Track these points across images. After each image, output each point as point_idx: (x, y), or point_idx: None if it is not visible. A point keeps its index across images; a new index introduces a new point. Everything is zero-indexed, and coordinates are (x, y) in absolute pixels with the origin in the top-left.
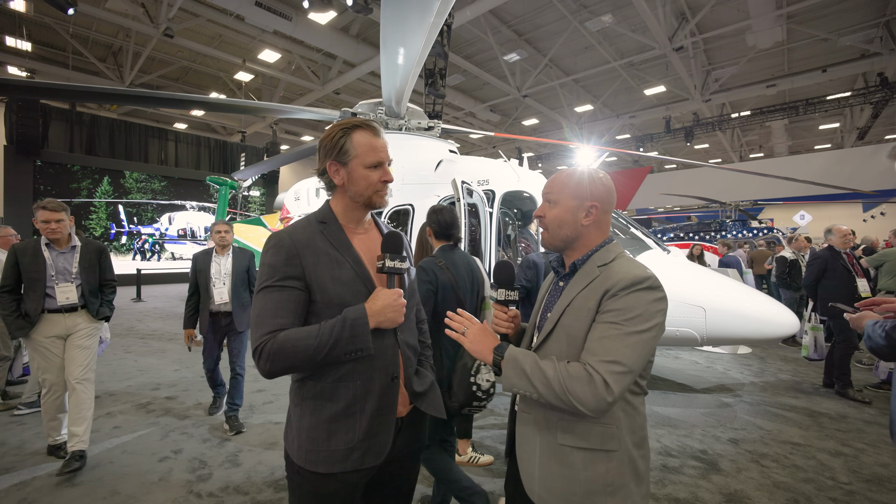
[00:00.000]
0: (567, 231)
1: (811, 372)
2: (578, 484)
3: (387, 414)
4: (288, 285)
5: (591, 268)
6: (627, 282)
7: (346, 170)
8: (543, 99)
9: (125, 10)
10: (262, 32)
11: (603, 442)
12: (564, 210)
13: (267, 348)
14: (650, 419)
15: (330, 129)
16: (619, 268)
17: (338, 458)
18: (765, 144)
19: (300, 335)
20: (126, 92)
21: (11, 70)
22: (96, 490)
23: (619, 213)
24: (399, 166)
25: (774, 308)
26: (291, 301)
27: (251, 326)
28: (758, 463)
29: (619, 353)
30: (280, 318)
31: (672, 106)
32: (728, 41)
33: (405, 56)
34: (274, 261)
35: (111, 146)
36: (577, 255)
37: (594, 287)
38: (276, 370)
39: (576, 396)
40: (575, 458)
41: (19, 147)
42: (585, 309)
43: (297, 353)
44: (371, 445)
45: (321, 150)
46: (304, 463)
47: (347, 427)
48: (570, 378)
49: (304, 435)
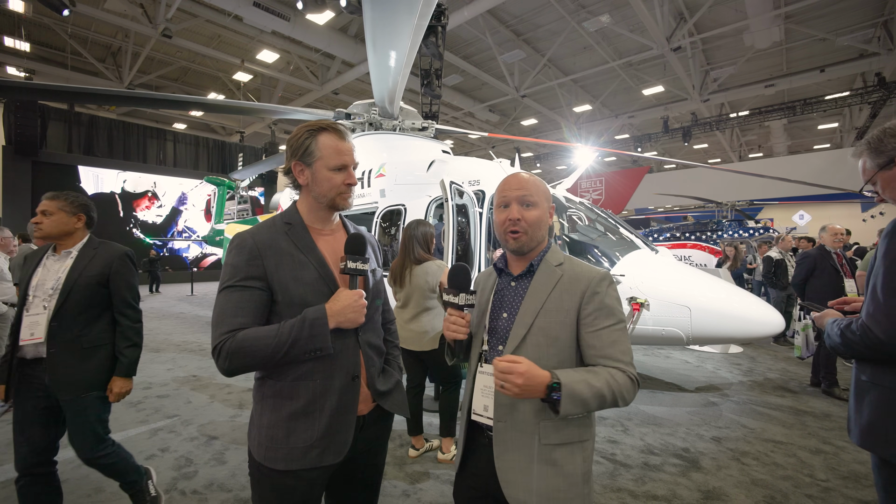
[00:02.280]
0: (543, 231)
1: (800, 371)
2: (562, 479)
3: (347, 413)
4: (249, 285)
5: (548, 267)
6: (599, 279)
7: (311, 171)
8: (542, 99)
9: (123, 10)
10: (260, 33)
11: (581, 433)
12: (543, 211)
13: (226, 347)
14: (636, 418)
15: (297, 129)
16: (580, 267)
17: (296, 455)
18: (764, 144)
19: (259, 334)
20: (124, 93)
21: (10, 70)
22: (82, 487)
23: (608, 212)
24: (392, 166)
25: (760, 307)
26: (252, 301)
27: (212, 325)
28: (738, 461)
29: (628, 349)
30: (240, 317)
31: (670, 106)
32: (726, 41)
33: (392, 58)
34: (236, 261)
35: (110, 146)
36: (533, 255)
37: (566, 288)
38: (234, 368)
39: (627, 401)
40: (558, 454)
41: (18, 147)
42: (564, 310)
43: (255, 352)
44: (330, 444)
45: (288, 150)
46: (263, 459)
47: (307, 425)
48: (622, 388)
49: (263, 432)
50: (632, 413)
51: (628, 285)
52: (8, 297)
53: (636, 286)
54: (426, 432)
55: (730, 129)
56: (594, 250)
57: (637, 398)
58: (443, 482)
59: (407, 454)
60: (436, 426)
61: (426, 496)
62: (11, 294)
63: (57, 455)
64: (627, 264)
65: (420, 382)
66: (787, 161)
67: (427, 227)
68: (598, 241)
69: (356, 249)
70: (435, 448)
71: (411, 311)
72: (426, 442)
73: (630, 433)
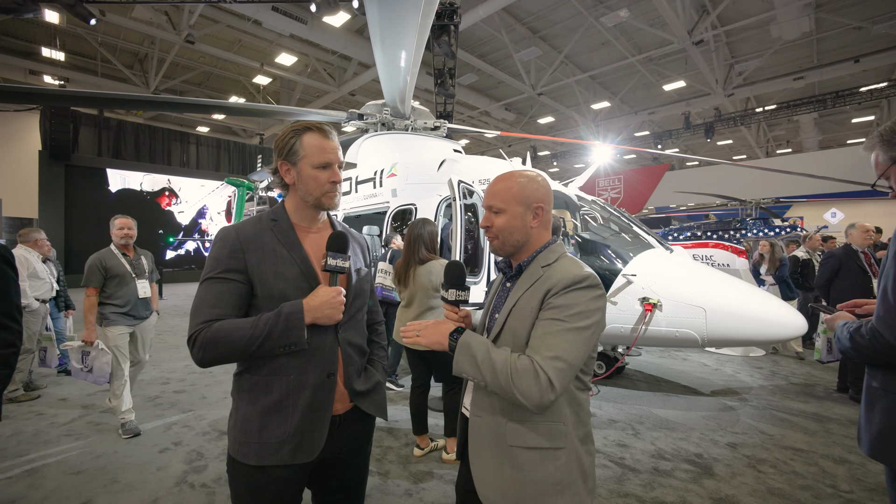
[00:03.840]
0: (518, 236)
1: (826, 376)
2: (529, 485)
3: (320, 410)
4: (229, 277)
5: (535, 268)
6: (567, 281)
7: (296, 170)
8: (559, 96)
9: (150, 18)
10: (278, 36)
11: (551, 440)
12: (512, 216)
13: (201, 337)
14: (648, 421)
15: (283, 130)
16: (561, 268)
17: (268, 451)
18: (793, 139)
19: (234, 326)
20: (151, 98)
21: (46, 79)
22: (98, 478)
23: (621, 211)
24: (403, 166)
25: (781, 309)
26: (231, 293)
27: (190, 315)
28: (754, 468)
29: (560, 348)
30: (218, 308)
31: (692, 101)
32: (752, 33)
33: (399, 57)
34: (218, 254)
35: (136, 150)
36: (523, 256)
37: (537, 287)
38: (207, 359)
39: (521, 390)
40: (524, 458)
41: (52, 152)
42: (528, 308)
43: (229, 343)
44: (303, 441)
45: (275, 151)
46: (236, 454)
47: (279, 420)
48: (518, 372)
49: (238, 426)
50: (644, 416)
51: (640, 285)
52: (41, 293)
53: (648, 286)
54: (431, 432)
55: (756, 125)
56: (605, 249)
57: (650, 401)
58: (446, 482)
59: (412, 453)
60: (441, 426)
61: (429, 496)
62: (45, 290)
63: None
64: (640, 264)
65: (425, 382)
66: (818, 156)
67: (432, 227)
68: (610, 239)
69: (337, 247)
70: (440, 448)
71: (415, 311)
72: (431, 441)
73: (641, 437)
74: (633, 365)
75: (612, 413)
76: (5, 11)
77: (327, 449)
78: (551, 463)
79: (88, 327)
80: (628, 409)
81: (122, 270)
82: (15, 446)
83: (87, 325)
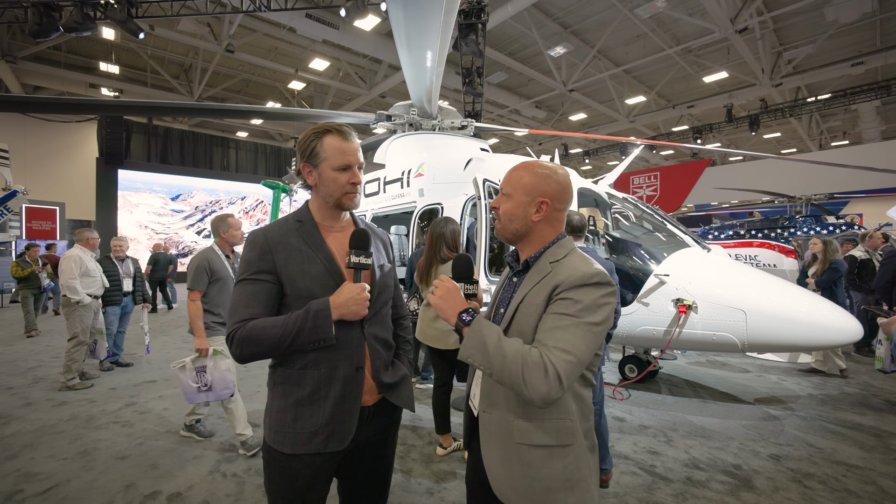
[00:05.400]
0: (517, 225)
1: (886, 387)
2: (538, 482)
3: (351, 402)
4: (260, 279)
5: (543, 264)
6: (576, 279)
7: (318, 171)
8: (592, 92)
9: (194, 30)
10: (312, 42)
11: (559, 438)
12: (516, 204)
13: (238, 335)
14: (682, 428)
15: (305, 133)
16: (569, 264)
17: (302, 440)
18: (850, 130)
19: (267, 324)
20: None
21: (103, 91)
22: (141, 463)
23: (654, 208)
24: (430, 166)
25: (833, 313)
26: (263, 293)
27: (227, 315)
28: (800, 483)
29: (569, 342)
30: (252, 308)
31: (736, 93)
32: (802, 17)
33: (424, 57)
34: (249, 256)
35: (181, 155)
36: (530, 250)
37: (545, 283)
38: (245, 355)
39: (531, 384)
40: (531, 456)
41: (108, 158)
42: (535, 305)
43: (263, 340)
44: (335, 431)
45: (297, 153)
46: (272, 442)
47: (312, 412)
48: (528, 365)
49: (273, 416)
50: (677, 423)
51: (674, 286)
52: (93, 289)
53: (683, 287)
54: (454, 431)
55: (808, 116)
56: (637, 248)
57: (684, 407)
58: None
59: (434, 452)
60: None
61: (450, 496)
62: (97, 287)
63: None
64: (673, 263)
65: (447, 381)
66: (881, 147)
67: (454, 226)
68: (642, 238)
69: (360, 244)
70: (463, 448)
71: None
72: (454, 441)
73: (674, 444)
74: (666, 369)
75: (644, 418)
76: (68, 30)
77: (357, 439)
78: (559, 460)
79: (199, 335)
80: (661, 414)
81: (225, 274)
82: (72, 430)
83: (198, 333)
